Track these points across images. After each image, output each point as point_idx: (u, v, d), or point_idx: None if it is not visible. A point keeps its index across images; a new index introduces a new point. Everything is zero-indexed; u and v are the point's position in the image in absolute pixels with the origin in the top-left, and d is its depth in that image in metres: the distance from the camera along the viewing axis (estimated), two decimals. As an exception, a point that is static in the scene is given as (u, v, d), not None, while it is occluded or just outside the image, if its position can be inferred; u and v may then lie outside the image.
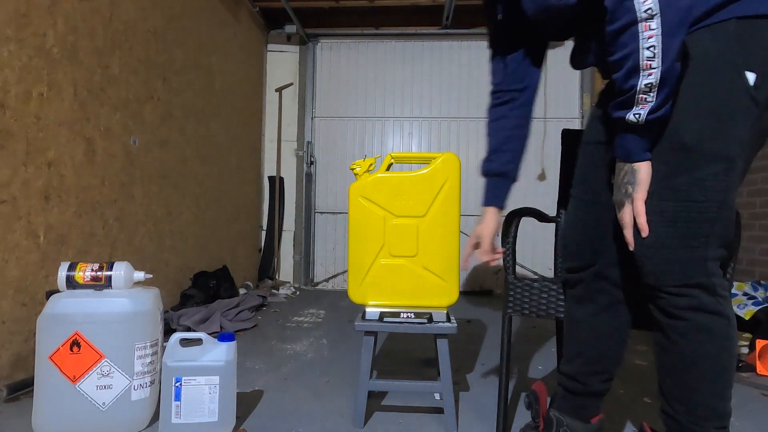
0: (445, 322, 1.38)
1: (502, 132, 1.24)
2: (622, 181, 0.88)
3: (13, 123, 1.58)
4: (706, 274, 0.85)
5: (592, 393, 1.09)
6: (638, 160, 0.85)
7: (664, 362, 0.93)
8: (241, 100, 3.72)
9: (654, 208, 0.87)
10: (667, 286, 0.87)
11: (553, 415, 1.10)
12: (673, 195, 0.85)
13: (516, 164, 1.25)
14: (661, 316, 0.91)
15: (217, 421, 1.23)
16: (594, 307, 1.07)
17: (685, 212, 0.84)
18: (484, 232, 1.24)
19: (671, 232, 0.86)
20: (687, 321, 0.87)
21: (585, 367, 1.08)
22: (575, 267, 1.08)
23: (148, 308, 1.30)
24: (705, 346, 0.87)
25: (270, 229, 4.18)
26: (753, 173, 3.01)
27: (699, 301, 0.85)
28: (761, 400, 1.65)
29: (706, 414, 0.88)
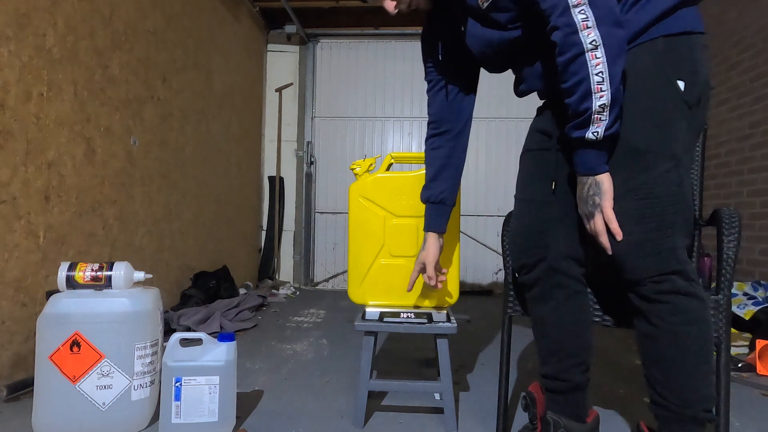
0: (445, 322, 1.38)
1: (439, 161, 1.31)
2: (588, 194, 0.95)
3: (13, 123, 1.58)
4: (678, 261, 0.93)
5: (577, 386, 1.11)
6: (600, 173, 0.94)
7: (650, 351, 0.99)
8: (241, 100, 3.72)
9: (622, 209, 0.95)
10: (647, 278, 0.94)
11: (550, 417, 1.11)
12: (636, 194, 0.94)
13: (452, 191, 1.32)
14: (642, 303, 0.97)
15: (217, 421, 1.24)
16: (554, 303, 1.11)
17: (650, 208, 0.93)
18: (428, 258, 1.30)
19: (641, 228, 0.94)
20: (668, 303, 0.94)
21: (561, 363, 1.11)
22: (527, 264, 1.13)
23: (148, 308, 1.30)
24: (684, 327, 0.94)
25: (270, 229, 4.18)
26: (753, 173, 3.01)
27: (675, 285, 0.93)
28: (761, 400, 1.65)
29: (694, 397, 0.94)
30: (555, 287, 1.10)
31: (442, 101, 1.33)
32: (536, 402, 1.16)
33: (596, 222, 0.95)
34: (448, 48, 1.30)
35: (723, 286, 1.06)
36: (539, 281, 1.11)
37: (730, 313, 1.06)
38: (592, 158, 0.93)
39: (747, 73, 3.08)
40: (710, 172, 3.40)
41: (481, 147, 4.19)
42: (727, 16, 3.29)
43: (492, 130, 4.19)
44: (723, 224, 1.08)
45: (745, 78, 3.09)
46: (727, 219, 1.08)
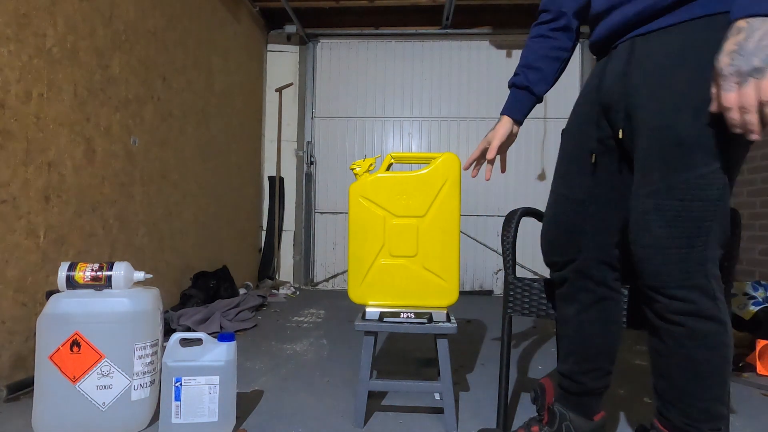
0: (445, 322, 1.38)
1: (538, 50, 1.18)
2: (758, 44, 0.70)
3: (13, 123, 1.58)
4: (705, 275, 0.84)
5: (589, 391, 1.09)
6: None
7: (659, 365, 0.92)
8: (241, 100, 3.72)
9: (654, 207, 0.86)
10: (666, 287, 0.86)
11: (557, 409, 1.10)
12: (675, 193, 0.84)
13: (544, 83, 1.18)
14: (657, 320, 0.90)
15: (217, 421, 1.23)
16: (578, 306, 1.08)
17: (686, 211, 0.83)
18: (495, 135, 1.20)
19: (671, 232, 0.84)
20: (684, 327, 0.86)
21: (577, 365, 1.09)
22: (557, 262, 1.10)
23: (148, 308, 1.30)
24: (701, 353, 0.86)
25: (270, 229, 4.18)
26: (753, 173, 3.01)
27: (697, 306, 0.84)
28: (761, 400, 1.65)
29: (700, 416, 0.88)
30: (581, 290, 1.07)
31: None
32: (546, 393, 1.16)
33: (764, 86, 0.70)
34: None
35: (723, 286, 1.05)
36: (567, 281, 1.09)
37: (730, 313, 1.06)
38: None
39: None
40: (710, 172, 3.40)
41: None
42: (727, 16, 3.29)
43: (492, 130, 4.18)
44: (723, 224, 1.07)
45: (745, 78, 3.09)
46: (727, 219, 1.07)
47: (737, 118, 0.73)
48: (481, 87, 4.19)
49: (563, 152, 1.11)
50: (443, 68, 4.21)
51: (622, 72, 0.94)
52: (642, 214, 0.89)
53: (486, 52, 4.19)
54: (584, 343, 1.09)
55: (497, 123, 1.22)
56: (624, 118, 0.94)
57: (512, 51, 4.13)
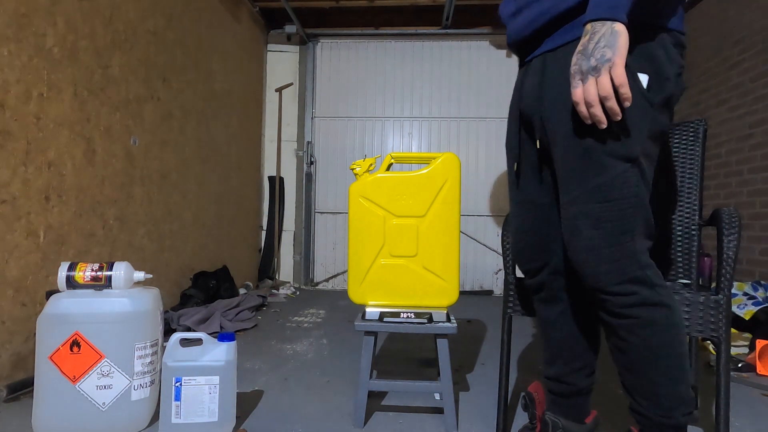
0: (445, 322, 1.38)
1: None
2: (596, 46, 0.78)
3: (13, 123, 1.58)
4: (640, 266, 0.88)
5: (580, 391, 1.11)
6: (620, 20, 0.77)
7: (622, 361, 0.95)
8: (241, 100, 3.72)
9: (579, 212, 0.91)
10: (607, 285, 0.89)
11: (548, 418, 1.11)
12: (594, 197, 0.88)
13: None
14: (608, 317, 0.93)
15: (217, 421, 1.23)
16: (561, 306, 1.10)
17: (608, 211, 0.88)
18: None
19: (600, 233, 0.89)
20: (634, 318, 0.89)
21: (567, 366, 1.11)
22: (532, 269, 1.12)
23: (148, 308, 1.30)
24: (654, 339, 0.89)
25: (270, 229, 4.18)
26: (753, 173, 3.01)
27: (640, 297, 0.88)
28: (761, 400, 1.65)
29: (670, 404, 0.90)
30: (561, 290, 1.09)
31: None
32: (535, 402, 1.17)
33: (602, 82, 0.78)
34: None
35: (723, 286, 1.06)
36: (545, 285, 1.11)
37: (730, 313, 1.06)
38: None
39: (747, 73, 3.08)
40: (710, 172, 3.40)
41: (480, 147, 4.18)
42: (727, 16, 3.29)
43: (492, 129, 4.19)
44: (723, 224, 1.08)
45: (745, 78, 3.09)
46: (727, 219, 1.08)
47: (584, 111, 0.81)
48: (481, 87, 4.19)
49: (508, 160, 1.15)
50: (443, 68, 4.21)
51: (538, 85, 0.99)
52: (570, 220, 0.93)
53: (486, 52, 4.19)
54: (571, 342, 1.10)
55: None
56: (540, 128, 1.00)
57: (512, 51, 4.12)
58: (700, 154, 1.31)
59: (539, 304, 1.16)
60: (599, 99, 0.79)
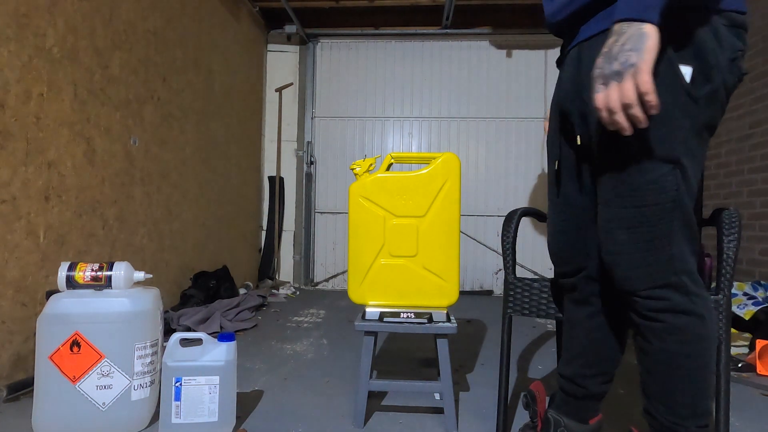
0: (445, 322, 1.38)
1: None
2: (621, 48, 0.72)
3: (13, 123, 1.58)
4: (675, 272, 0.85)
5: (592, 395, 1.09)
6: (649, 21, 0.71)
7: (644, 364, 0.93)
8: (241, 100, 3.72)
9: (613, 215, 0.88)
10: (637, 289, 0.87)
11: (551, 415, 1.10)
12: (629, 201, 0.85)
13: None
14: (637, 318, 0.91)
15: (217, 421, 1.23)
16: (590, 310, 1.07)
17: (642, 216, 0.84)
18: None
19: (633, 237, 0.86)
20: (661, 323, 0.87)
21: (584, 369, 1.09)
22: (567, 272, 1.09)
23: (148, 308, 1.30)
24: (681, 347, 0.87)
25: (270, 229, 4.18)
26: (753, 173, 3.01)
27: (671, 303, 0.85)
28: (761, 400, 1.65)
29: (687, 413, 0.88)
30: (594, 295, 1.06)
31: None
32: (537, 400, 1.16)
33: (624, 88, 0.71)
34: None
35: (723, 286, 1.06)
36: (578, 287, 1.08)
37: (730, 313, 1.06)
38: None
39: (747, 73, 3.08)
40: (710, 172, 3.40)
41: (481, 146, 4.18)
42: (727, 16, 3.29)
43: (492, 129, 4.19)
44: (723, 224, 1.08)
45: (745, 78, 3.09)
46: (727, 219, 1.08)
47: (606, 117, 0.76)
48: (481, 87, 4.19)
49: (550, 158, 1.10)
50: (443, 68, 4.21)
51: (573, 79, 0.94)
52: (604, 222, 0.90)
53: (486, 52, 4.19)
54: (594, 347, 1.08)
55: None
56: (580, 124, 0.95)
57: (512, 51, 4.13)
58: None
59: (570, 303, 1.13)
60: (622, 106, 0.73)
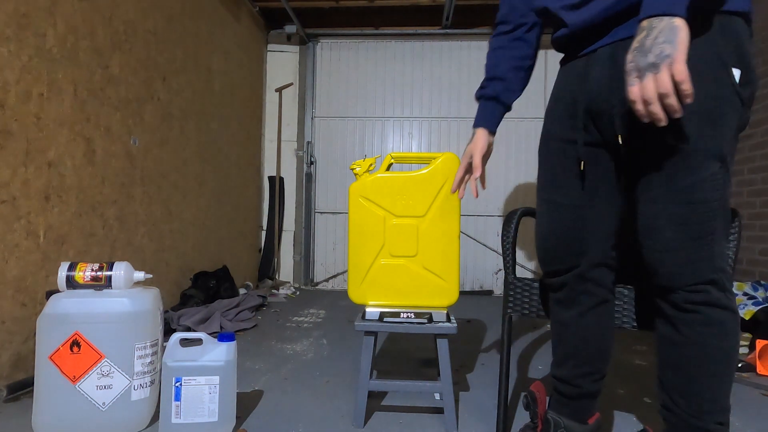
0: (445, 322, 1.38)
1: (501, 62, 1.19)
2: (655, 42, 0.74)
3: (13, 123, 1.58)
4: (715, 270, 0.87)
5: (587, 394, 1.10)
6: (679, 15, 0.74)
7: (672, 358, 0.93)
8: (241, 100, 3.72)
9: (661, 211, 0.88)
10: (680, 287, 0.88)
11: (550, 417, 1.11)
12: (678, 197, 0.86)
13: (511, 92, 1.19)
14: (672, 310, 0.91)
15: (217, 421, 1.23)
16: (580, 309, 1.08)
17: (692, 213, 0.85)
18: (476, 148, 1.17)
19: (680, 235, 0.87)
20: (700, 314, 0.88)
21: (576, 369, 1.09)
22: (558, 270, 1.09)
23: (148, 308, 1.30)
24: (716, 340, 0.88)
25: (270, 229, 4.18)
26: (753, 173, 3.01)
27: (711, 296, 0.87)
28: (761, 400, 1.65)
29: (710, 408, 0.89)
30: (582, 294, 1.07)
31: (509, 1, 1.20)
32: (537, 401, 1.17)
33: (661, 79, 0.74)
34: None
35: (723, 286, 1.05)
36: (567, 286, 1.09)
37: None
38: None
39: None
40: (710, 172, 3.40)
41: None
42: (727, 16, 3.29)
43: (492, 130, 4.18)
44: (723, 224, 1.07)
45: (745, 78, 3.09)
46: (727, 219, 1.07)
47: (642, 109, 0.77)
48: (481, 87, 4.18)
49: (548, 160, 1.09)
50: (443, 68, 4.21)
51: (609, 78, 0.93)
52: (650, 219, 0.90)
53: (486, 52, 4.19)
54: (584, 346, 1.09)
55: (473, 137, 1.20)
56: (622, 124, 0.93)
57: (512, 51, 4.12)
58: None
59: (555, 304, 1.13)
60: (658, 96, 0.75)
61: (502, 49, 1.20)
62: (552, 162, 1.08)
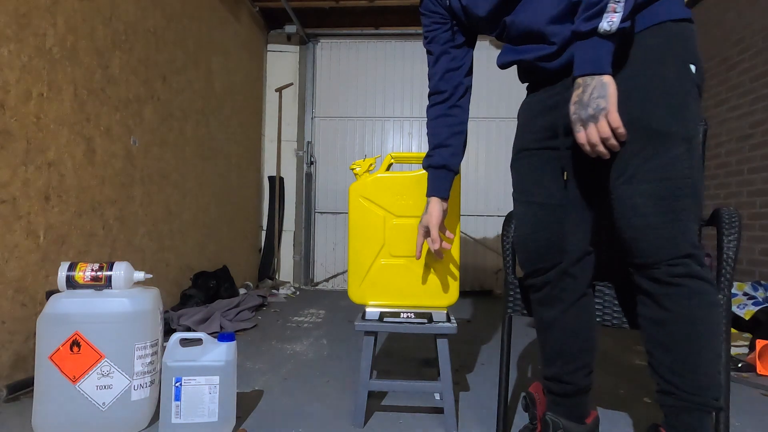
0: (445, 322, 1.38)
1: (443, 130, 1.29)
2: (590, 97, 0.90)
3: (13, 123, 1.58)
4: (692, 245, 0.92)
5: (580, 390, 1.11)
6: (607, 72, 0.89)
7: (661, 338, 0.95)
8: (241, 100, 3.72)
9: (636, 191, 0.94)
10: (661, 261, 0.92)
11: (549, 418, 1.11)
12: (652, 176, 0.93)
13: (457, 158, 1.30)
14: (653, 286, 0.94)
15: (217, 421, 1.23)
16: (562, 306, 1.11)
17: (665, 190, 0.92)
18: (432, 221, 1.27)
19: (656, 210, 0.92)
20: (683, 287, 0.92)
21: (566, 365, 1.11)
22: (542, 269, 1.12)
23: (148, 308, 1.30)
24: (702, 312, 0.91)
25: (270, 229, 4.18)
26: (753, 173, 3.01)
27: (691, 269, 0.92)
28: (761, 400, 1.65)
29: (707, 382, 0.91)
30: (564, 290, 1.10)
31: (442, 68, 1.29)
32: (536, 402, 1.17)
33: (601, 127, 0.90)
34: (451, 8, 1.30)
35: (723, 286, 1.06)
36: (548, 284, 1.11)
37: (730, 313, 1.06)
38: (602, 54, 0.88)
39: (747, 73, 3.08)
40: (710, 172, 3.40)
41: (481, 147, 4.19)
42: (727, 17, 3.29)
43: (492, 129, 4.19)
44: (723, 224, 1.08)
45: (745, 78, 3.09)
46: (727, 219, 1.08)
47: (590, 150, 0.93)
48: (481, 87, 4.18)
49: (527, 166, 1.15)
50: (443, 68, 4.20)
51: None
52: (628, 198, 0.95)
53: (486, 52, 4.19)
54: (570, 341, 1.11)
55: (428, 206, 1.29)
56: None
57: (512, 51, 4.12)
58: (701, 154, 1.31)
59: (538, 304, 1.16)
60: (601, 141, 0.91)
61: (441, 117, 1.30)
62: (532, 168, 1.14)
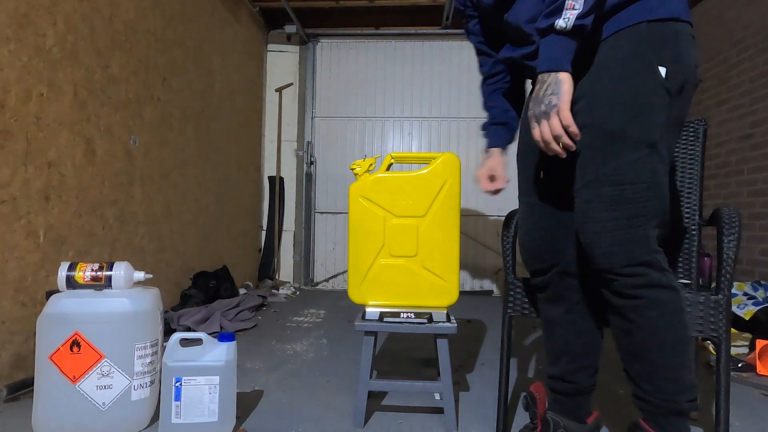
0: (445, 322, 1.38)
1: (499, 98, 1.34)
2: (544, 94, 0.89)
3: (13, 123, 1.58)
4: (650, 251, 0.91)
5: (583, 390, 1.12)
6: (563, 70, 0.88)
7: (627, 346, 0.96)
8: (241, 100, 3.72)
9: (593, 194, 0.93)
10: (617, 267, 0.92)
11: (550, 417, 1.11)
12: (609, 180, 0.92)
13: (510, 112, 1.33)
14: (616, 299, 0.94)
15: (217, 421, 1.23)
16: (567, 305, 1.11)
17: (622, 195, 0.91)
18: (497, 165, 1.33)
19: (613, 215, 0.92)
20: (642, 299, 0.91)
21: (570, 365, 1.11)
22: (541, 269, 1.13)
23: (148, 308, 1.30)
24: (661, 320, 0.91)
25: (270, 229, 4.18)
26: (753, 173, 3.01)
27: (649, 278, 0.91)
28: (761, 400, 1.65)
29: (676, 388, 0.92)
30: (567, 289, 1.10)
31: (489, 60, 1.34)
32: (537, 402, 1.17)
33: (552, 124, 0.89)
34: None
35: (723, 286, 1.06)
36: (551, 284, 1.12)
37: (730, 313, 1.06)
38: (558, 51, 0.88)
39: (747, 73, 3.08)
40: (710, 172, 3.40)
41: (481, 147, 4.18)
42: (727, 16, 3.29)
43: (492, 130, 4.19)
44: (723, 224, 1.08)
45: (745, 78, 3.09)
46: (727, 219, 1.08)
47: (544, 147, 0.92)
48: (481, 87, 4.19)
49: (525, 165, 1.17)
50: (443, 68, 4.21)
51: None
52: (584, 203, 0.95)
53: (486, 52, 4.19)
54: (575, 340, 1.11)
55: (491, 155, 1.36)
56: None
57: (512, 51, 4.12)
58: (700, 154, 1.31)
59: (543, 303, 1.16)
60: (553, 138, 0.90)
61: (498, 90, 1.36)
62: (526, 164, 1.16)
